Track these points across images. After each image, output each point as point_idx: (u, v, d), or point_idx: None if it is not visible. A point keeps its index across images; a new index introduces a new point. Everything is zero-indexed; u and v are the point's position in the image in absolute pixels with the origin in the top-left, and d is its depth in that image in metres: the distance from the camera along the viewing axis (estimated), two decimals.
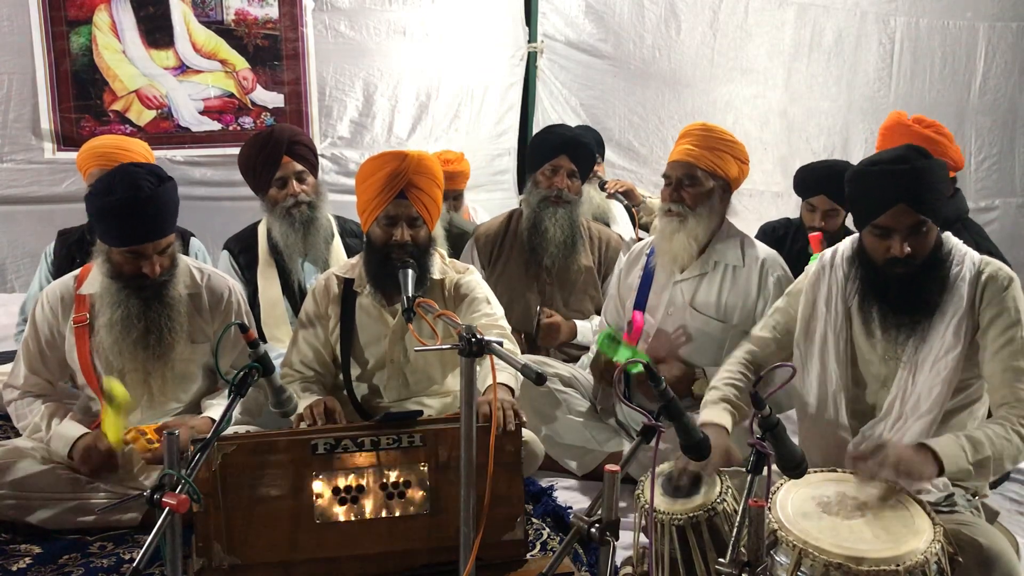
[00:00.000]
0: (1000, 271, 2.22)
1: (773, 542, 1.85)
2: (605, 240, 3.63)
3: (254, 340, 1.87)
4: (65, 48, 4.42)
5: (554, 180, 3.45)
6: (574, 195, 3.47)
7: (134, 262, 2.54)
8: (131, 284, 2.57)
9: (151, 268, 2.54)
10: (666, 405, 1.78)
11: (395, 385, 2.79)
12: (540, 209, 3.46)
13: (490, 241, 3.60)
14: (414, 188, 2.61)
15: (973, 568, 1.91)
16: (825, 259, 2.44)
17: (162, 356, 2.64)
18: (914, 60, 5.71)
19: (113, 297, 2.58)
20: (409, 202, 2.62)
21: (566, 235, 3.43)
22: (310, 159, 3.47)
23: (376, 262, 2.67)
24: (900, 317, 2.23)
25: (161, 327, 2.60)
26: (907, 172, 2.15)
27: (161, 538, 1.62)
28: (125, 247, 2.52)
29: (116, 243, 2.53)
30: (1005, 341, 2.15)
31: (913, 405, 2.21)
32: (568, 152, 3.47)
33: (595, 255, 3.58)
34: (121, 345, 2.60)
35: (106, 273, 2.58)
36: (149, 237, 2.51)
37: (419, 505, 2.24)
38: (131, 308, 2.57)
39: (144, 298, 2.58)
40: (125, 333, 2.58)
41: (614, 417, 3.10)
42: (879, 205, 2.17)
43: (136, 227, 2.49)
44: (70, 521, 2.52)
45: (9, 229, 4.47)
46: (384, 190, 2.59)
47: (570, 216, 3.45)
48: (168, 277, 2.61)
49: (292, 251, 3.39)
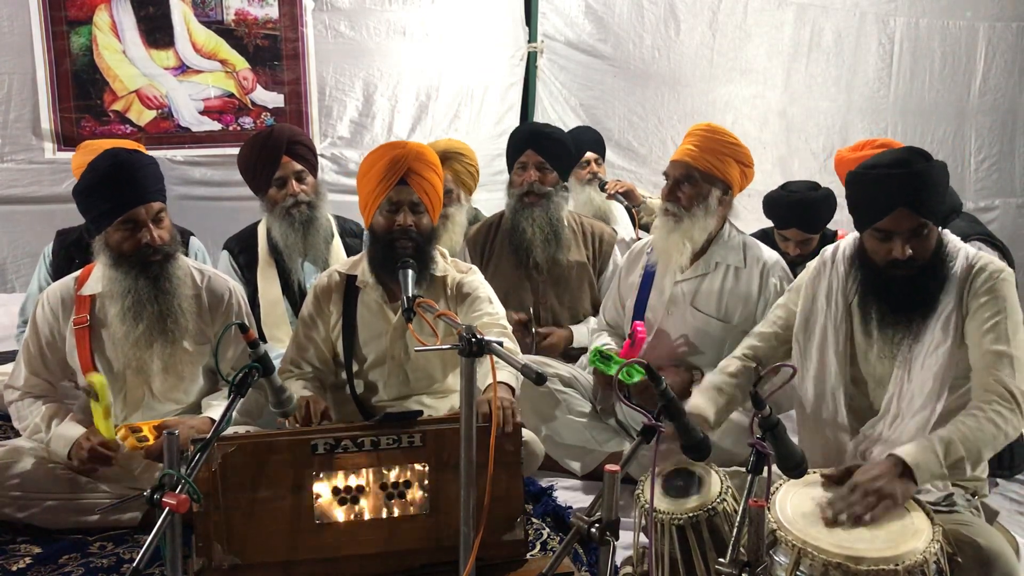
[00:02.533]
0: (990, 264, 2.21)
1: (772, 542, 1.85)
2: (598, 234, 3.61)
3: (254, 340, 1.87)
4: (65, 48, 4.41)
5: (524, 176, 3.46)
6: (548, 187, 3.46)
7: (132, 236, 2.55)
8: (136, 265, 2.57)
9: (151, 236, 2.55)
10: (666, 405, 1.78)
11: (395, 382, 2.79)
12: (517, 210, 3.47)
13: (479, 243, 3.60)
14: (414, 175, 2.63)
15: (972, 568, 1.91)
16: (826, 255, 2.44)
17: (177, 341, 2.63)
18: (914, 60, 5.70)
19: (120, 286, 2.57)
20: (411, 188, 2.64)
21: (545, 233, 3.43)
22: (309, 159, 3.47)
23: (380, 251, 2.68)
24: (898, 316, 2.23)
25: (174, 308, 2.61)
26: (907, 175, 2.14)
27: (161, 538, 1.62)
28: (119, 216, 2.53)
29: (109, 217, 2.54)
30: (989, 327, 2.14)
31: (908, 403, 2.21)
32: (532, 145, 3.48)
33: (588, 249, 3.57)
34: (135, 335, 2.59)
35: (110, 263, 2.58)
36: (139, 200, 2.53)
37: (419, 505, 2.24)
38: (140, 292, 2.57)
39: (151, 277, 2.58)
40: (138, 319, 2.58)
41: (614, 417, 3.10)
42: (879, 209, 2.16)
43: (124, 192, 2.53)
44: (70, 521, 2.53)
45: (9, 229, 4.46)
46: (385, 178, 2.62)
47: (547, 212, 3.44)
48: (171, 251, 2.61)
49: (292, 251, 3.39)
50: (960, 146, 5.87)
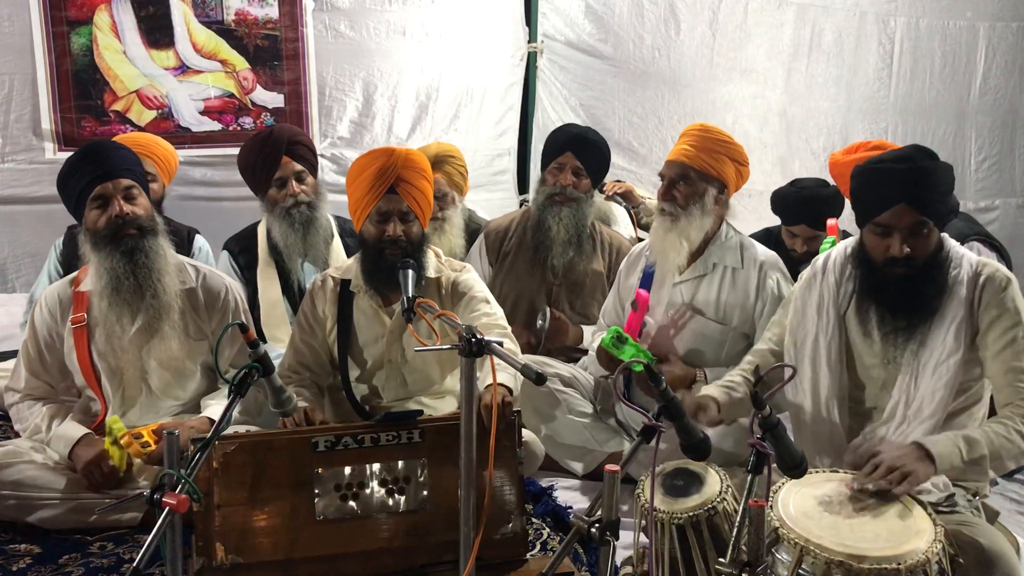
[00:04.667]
0: (997, 272, 2.22)
1: (774, 540, 1.85)
2: (616, 245, 3.61)
3: (254, 340, 1.87)
4: (66, 48, 4.41)
5: (559, 177, 3.45)
6: (581, 193, 3.45)
7: (104, 212, 2.58)
8: (111, 241, 2.58)
9: (119, 207, 2.57)
10: (666, 405, 1.78)
11: (393, 385, 2.79)
12: (545, 207, 3.46)
13: (499, 237, 3.60)
14: (403, 183, 2.62)
15: (973, 568, 1.91)
16: (817, 266, 2.43)
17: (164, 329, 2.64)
18: (914, 60, 5.70)
19: (99, 268, 2.59)
20: (399, 197, 2.63)
21: (570, 234, 3.43)
22: (309, 159, 3.48)
23: (370, 259, 2.68)
24: (898, 320, 2.22)
25: (153, 282, 2.61)
26: (910, 171, 2.14)
27: (161, 538, 1.62)
28: (92, 189, 2.58)
29: (84, 196, 2.58)
30: (1007, 342, 2.15)
31: (916, 409, 2.20)
32: (574, 149, 3.47)
33: (606, 260, 3.57)
34: (118, 311, 2.60)
35: (90, 247, 2.60)
36: (107, 176, 2.59)
37: (419, 502, 2.24)
38: (116, 267, 2.58)
39: (126, 251, 2.59)
40: (116, 293, 2.59)
41: (614, 417, 3.10)
42: (881, 203, 2.16)
43: (98, 166, 2.61)
44: (70, 521, 2.52)
45: (10, 229, 4.46)
46: (373, 187, 2.61)
47: (575, 215, 3.43)
48: (147, 226, 2.63)
49: (292, 251, 3.39)
50: (960, 146, 5.86)
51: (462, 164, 3.89)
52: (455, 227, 3.75)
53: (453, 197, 3.79)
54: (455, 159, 3.85)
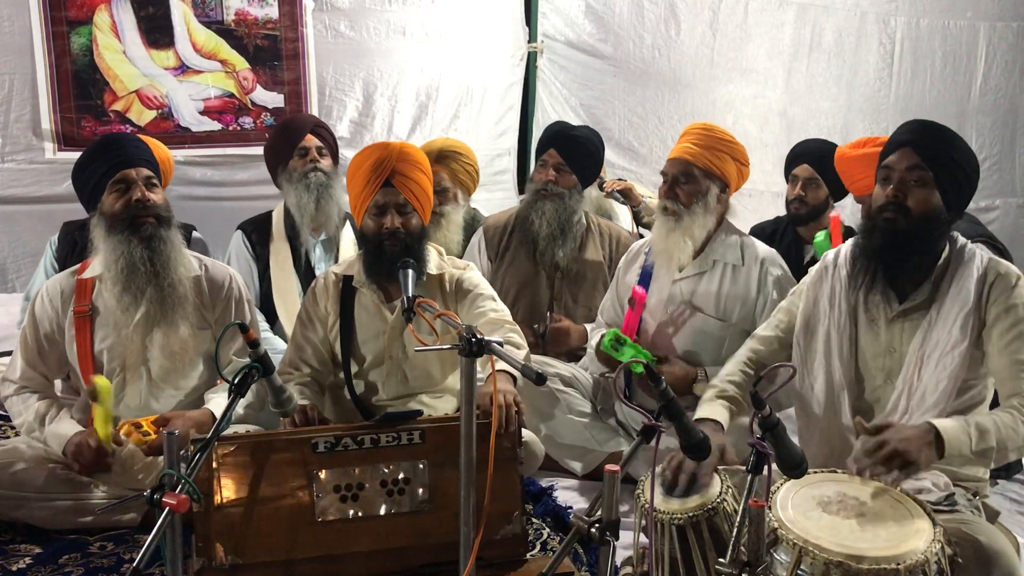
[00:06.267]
0: (1009, 270, 2.25)
1: (773, 540, 1.85)
2: (615, 236, 3.63)
3: (254, 340, 1.87)
4: (66, 48, 4.42)
5: (542, 173, 3.49)
6: (563, 188, 3.47)
7: (124, 196, 2.63)
8: (129, 226, 2.62)
9: (141, 192, 2.63)
10: (666, 405, 1.78)
11: (394, 382, 2.79)
12: (530, 203, 3.51)
13: (498, 233, 3.62)
14: (399, 175, 2.64)
15: (973, 567, 1.91)
16: (828, 259, 2.44)
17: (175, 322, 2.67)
18: (914, 60, 5.70)
19: (114, 252, 2.63)
20: (396, 189, 2.65)
21: (552, 228, 3.45)
22: (331, 143, 3.67)
23: (371, 253, 2.70)
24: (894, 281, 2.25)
25: (169, 273, 2.65)
26: (924, 123, 2.27)
27: (161, 538, 1.62)
28: (113, 175, 2.62)
29: (103, 181, 2.62)
30: (1013, 336, 2.16)
31: (919, 400, 2.21)
32: (556, 145, 3.50)
33: (605, 250, 3.59)
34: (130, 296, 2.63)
35: (104, 232, 2.64)
36: (129, 163, 2.65)
37: (419, 503, 2.24)
38: (133, 253, 2.62)
39: (144, 238, 2.62)
40: (130, 279, 2.62)
41: (614, 417, 3.10)
42: (891, 146, 2.27)
43: (119, 153, 2.67)
44: (70, 521, 2.52)
45: (10, 229, 4.47)
46: (371, 180, 2.63)
47: (558, 210, 3.45)
48: (165, 215, 2.67)
49: (304, 217, 3.51)
50: None
51: (470, 162, 3.88)
52: (453, 223, 3.76)
53: (455, 194, 3.79)
54: (462, 156, 3.85)
